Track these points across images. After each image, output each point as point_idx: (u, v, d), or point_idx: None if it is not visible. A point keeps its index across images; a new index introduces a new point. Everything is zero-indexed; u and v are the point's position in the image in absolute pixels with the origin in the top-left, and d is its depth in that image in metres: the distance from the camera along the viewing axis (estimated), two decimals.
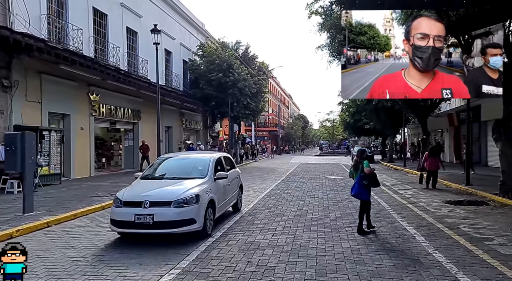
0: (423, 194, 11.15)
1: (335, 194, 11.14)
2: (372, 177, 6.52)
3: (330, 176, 17.19)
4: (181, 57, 24.93)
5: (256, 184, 13.69)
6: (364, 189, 6.48)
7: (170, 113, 23.41)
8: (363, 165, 6.51)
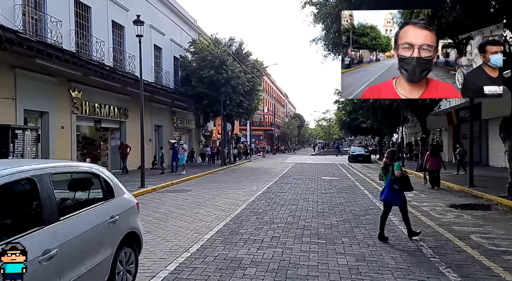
0: (425, 197, 10.40)
1: (331, 197, 10.36)
2: (404, 181, 5.87)
3: (326, 177, 16.43)
4: (171, 54, 24.06)
5: (246, 186, 12.88)
6: (396, 193, 5.80)
7: (160, 111, 22.53)
8: (393, 167, 5.83)
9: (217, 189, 12.10)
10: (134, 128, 19.24)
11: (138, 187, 11.75)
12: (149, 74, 20.51)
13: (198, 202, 9.45)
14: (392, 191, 5.84)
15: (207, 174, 18.18)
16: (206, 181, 14.85)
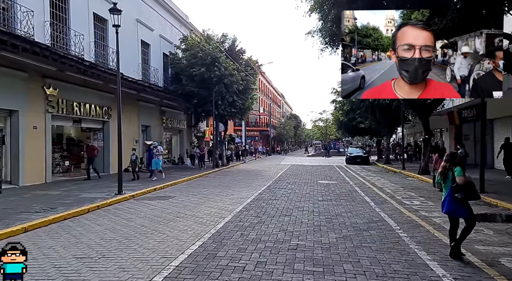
0: (433, 205, 9.32)
1: (329, 205, 9.25)
2: (468, 188, 4.88)
3: (323, 181, 15.32)
4: (161, 51, 22.88)
5: (236, 192, 11.74)
6: (459, 203, 4.88)
7: (148, 110, 21.35)
8: (454, 173, 4.90)
9: (203, 196, 10.95)
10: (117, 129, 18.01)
11: (115, 193, 10.58)
12: (136, 71, 19.34)
13: (178, 212, 8.30)
14: (455, 201, 4.91)
15: (196, 177, 17.02)
16: (193, 186, 13.69)
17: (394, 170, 20.60)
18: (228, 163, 25.75)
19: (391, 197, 10.77)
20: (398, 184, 14.13)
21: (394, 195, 11.17)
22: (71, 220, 7.38)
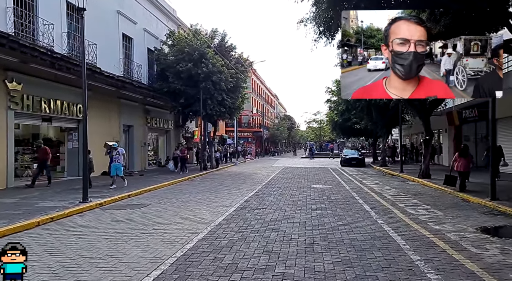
0: (443, 215, 8.15)
1: (323, 215, 8.03)
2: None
3: (317, 185, 14.11)
4: (145, 46, 21.53)
5: (220, 199, 10.47)
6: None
7: (131, 109, 19.98)
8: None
9: (182, 204, 9.66)
10: (96, 128, 16.65)
11: (79, 201, 9.23)
12: (117, 66, 17.99)
13: (145, 226, 7.00)
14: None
15: (180, 181, 15.71)
16: (174, 191, 12.39)
17: (392, 173, 19.50)
18: (217, 165, 24.46)
19: (393, 204, 9.59)
20: (398, 189, 12.98)
21: (396, 202, 9.99)
22: (9, 237, 6.04)
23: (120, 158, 12.82)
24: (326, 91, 27.50)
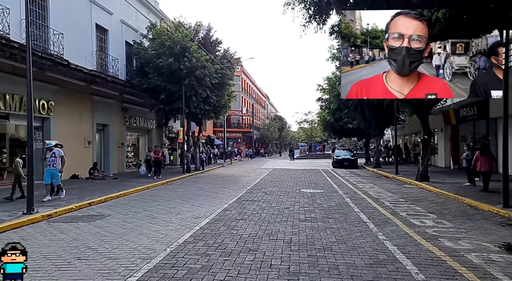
0: (453, 227, 6.89)
1: (314, 229, 6.69)
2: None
3: (307, 190, 12.80)
4: (123, 39, 19.97)
5: (195, 207, 9.06)
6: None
7: (106, 107, 18.41)
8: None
9: (148, 214, 8.22)
10: (64, 127, 15.10)
11: (22, 212, 7.72)
12: (89, 60, 16.43)
13: (88, 247, 5.56)
14: None
15: (157, 185, 14.23)
16: (145, 198, 10.93)
17: (387, 175, 18.32)
18: (203, 167, 22.99)
19: (393, 213, 8.32)
20: (396, 194, 11.74)
21: (396, 210, 8.72)
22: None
23: (56, 161, 9.92)
24: (317, 89, 26.29)
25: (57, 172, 10.02)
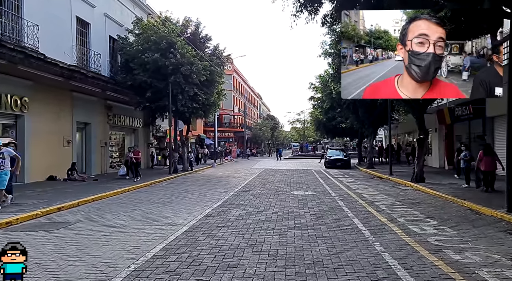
0: (456, 235, 6.25)
1: (303, 238, 5.98)
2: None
3: (298, 192, 12.10)
4: (106, 33, 19.04)
5: (174, 212, 8.28)
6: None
7: (88, 104, 17.49)
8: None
9: (121, 221, 7.43)
10: (40, 125, 14.19)
11: None
12: (69, 54, 15.50)
13: (38, 263, 4.77)
14: None
15: (139, 187, 13.40)
16: (123, 202, 10.12)
17: (381, 175, 17.74)
18: (191, 168, 22.16)
19: (390, 218, 7.65)
20: (391, 196, 11.11)
21: (393, 215, 8.07)
22: None
23: (4, 162, 8.28)
24: (310, 88, 25.65)
25: (5, 175, 8.36)
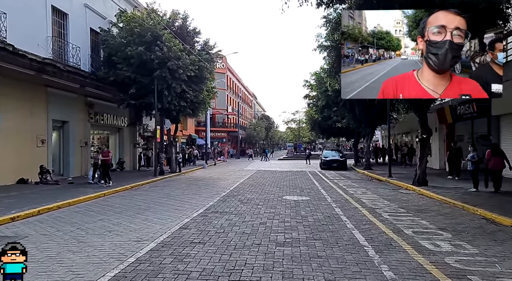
0: (479, 253, 5.18)
1: (294, 259, 4.88)
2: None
3: (291, 197, 10.99)
4: (87, 25, 17.79)
5: (145, 223, 7.13)
6: None
7: (66, 101, 16.24)
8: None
9: (77, 235, 6.27)
10: (9, 122, 12.98)
11: None
12: (43, 46, 14.27)
13: None
14: None
15: (117, 191, 12.21)
16: (91, 210, 8.94)
17: (379, 178, 16.71)
18: (179, 169, 20.96)
19: (396, 230, 6.58)
20: (393, 202, 10.05)
21: (398, 225, 6.99)
22: None
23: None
24: (304, 85, 24.56)
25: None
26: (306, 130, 58.23)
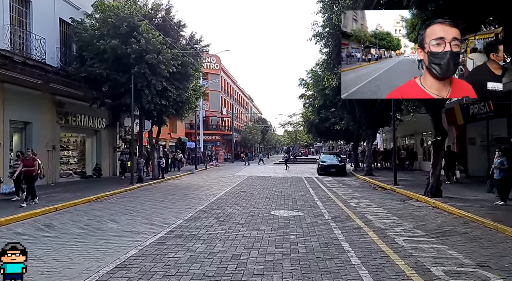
0: None
1: None
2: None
3: (280, 212, 9.04)
4: (55, 15, 15.91)
5: (77, 253, 5.22)
6: None
7: (27, 99, 14.29)
8: None
9: None
10: None
11: None
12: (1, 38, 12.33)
13: None
14: None
15: (76, 204, 10.26)
16: (28, 230, 7.02)
17: (384, 186, 14.80)
18: (162, 175, 19.00)
19: (421, 270, 4.69)
20: (406, 219, 8.15)
21: (422, 261, 5.08)
22: None
23: None
24: (300, 84, 22.70)
25: None
26: (303, 133, 56.35)
